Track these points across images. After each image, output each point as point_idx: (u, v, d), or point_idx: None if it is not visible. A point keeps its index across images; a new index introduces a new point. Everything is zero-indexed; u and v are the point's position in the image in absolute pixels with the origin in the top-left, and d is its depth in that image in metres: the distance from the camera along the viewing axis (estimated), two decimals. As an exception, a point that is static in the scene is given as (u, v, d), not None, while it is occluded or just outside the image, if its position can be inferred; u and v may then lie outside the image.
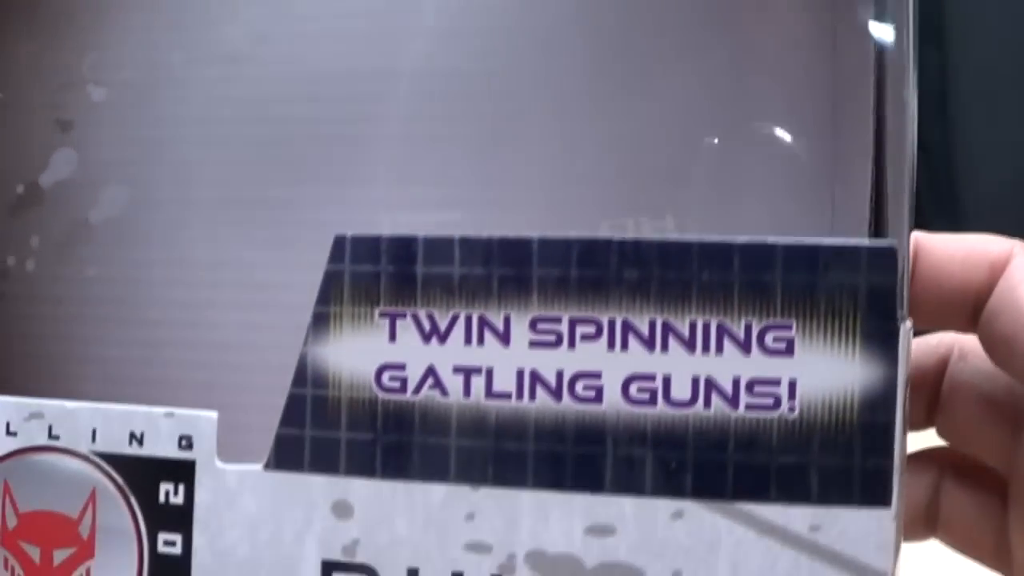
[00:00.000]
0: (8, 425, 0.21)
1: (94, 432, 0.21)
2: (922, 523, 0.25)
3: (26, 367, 0.29)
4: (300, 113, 0.28)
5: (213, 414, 0.21)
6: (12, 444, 0.21)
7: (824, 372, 0.19)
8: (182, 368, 0.28)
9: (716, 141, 0.25)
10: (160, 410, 0.21)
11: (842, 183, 0.25)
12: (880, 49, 0.23)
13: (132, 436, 0.21)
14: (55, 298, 0.29)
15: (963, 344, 0.25)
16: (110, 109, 0.29)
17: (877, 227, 0.22)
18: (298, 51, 0.28)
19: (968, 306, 0.23)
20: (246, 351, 0.27)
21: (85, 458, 0.21)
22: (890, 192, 0.23)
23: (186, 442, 0.21)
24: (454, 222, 0.26)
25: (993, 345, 0.23)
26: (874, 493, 0.19)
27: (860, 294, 0.19)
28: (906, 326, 0.19)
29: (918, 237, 0.23)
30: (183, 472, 0.21)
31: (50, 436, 0.21)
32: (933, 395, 0.25)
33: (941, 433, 0.25)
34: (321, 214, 0.27)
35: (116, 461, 0.21)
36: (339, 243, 0.20)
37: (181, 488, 0.21)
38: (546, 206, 0.26)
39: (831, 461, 0.19)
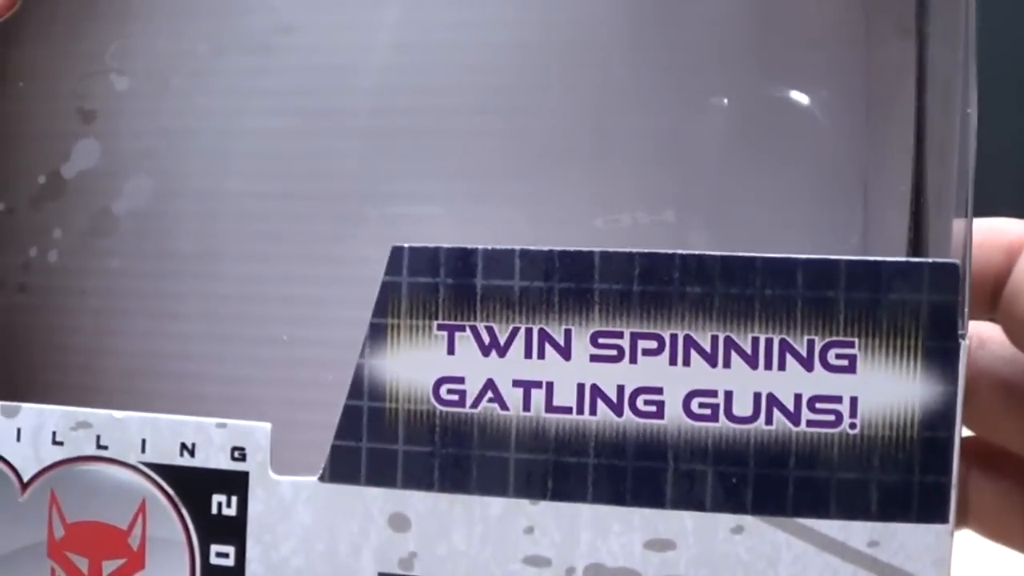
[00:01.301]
0: (54, 434, 0.21)
1: (144, 442, 0.21)
2: None
3: (48, 359, 0.29)
4: (328, 105, 0.27)
5: (267, 425, 0.21)
6: (59, 454, 0.21)
7: (885, 389, 0.19)
8: (207, 362, 0.28)
9: (726, 102, 0.25)
10: (212, 421, 0.21)
11: (876, 175, 0.25)
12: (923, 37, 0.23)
13: (183, 447, 0.21)
14: (78, 290, 0.29)
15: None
16: (134, 99, 0.28)
17: (916, 245, 0.22)
18: (325, 42, 0.28)
19: (986, 291, 0.23)
20: (274, 346, 0.27)
21: (135, 468, 0.21)
22: (931, 196, 0.23)
23: (239, 453, 0.20)
24: (450, 214, 0.26)
25: (1013, 329, 0.23)
26: (932, 509, 0.19)
27: (922, 312, 0.19)
28: (965, 343, 0.19)
29: None
30: (236, 483, 0.20)
31: (98, 446, 0.21)
32: None
33: (965, 422, 0.25)
34: (349, 207, 0.27)
35: (167, 472, 0.21)
36: (396, 254, 0.20)
37: (234, 499, 0.20)
38: (539, 201, 0.26)
39: (891, 477, 0.19)
